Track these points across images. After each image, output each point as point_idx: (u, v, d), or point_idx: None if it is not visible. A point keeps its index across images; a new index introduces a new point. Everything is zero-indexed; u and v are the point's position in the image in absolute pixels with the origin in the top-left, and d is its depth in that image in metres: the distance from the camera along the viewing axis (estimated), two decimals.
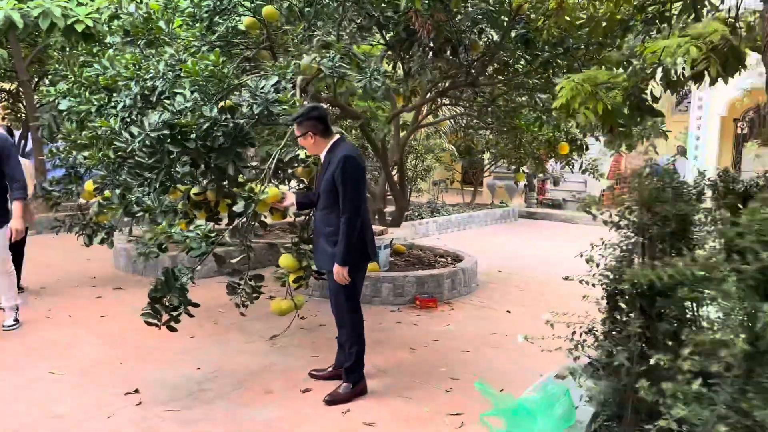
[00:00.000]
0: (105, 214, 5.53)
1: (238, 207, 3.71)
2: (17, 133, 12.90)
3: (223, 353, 4.22)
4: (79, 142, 5.00)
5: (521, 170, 8.10)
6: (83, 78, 5.13)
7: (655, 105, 3.75)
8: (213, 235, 3.54)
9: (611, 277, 2.39)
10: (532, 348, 4.54)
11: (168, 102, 3.89)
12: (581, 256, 2.58)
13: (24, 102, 12.00)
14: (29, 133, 12.11)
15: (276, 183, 4.09)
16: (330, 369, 3.79)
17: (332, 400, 3.44)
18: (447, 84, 5.46)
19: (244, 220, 3.78)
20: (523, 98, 5.98)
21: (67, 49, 8.17)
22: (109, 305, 5.37)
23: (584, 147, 7.56)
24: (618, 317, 2.36)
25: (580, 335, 2.56)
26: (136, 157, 3.83)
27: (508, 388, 3.65)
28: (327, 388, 3.56)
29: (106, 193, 4.64)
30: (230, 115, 3.91)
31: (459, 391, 3.63)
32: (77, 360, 4.03)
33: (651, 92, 3.81)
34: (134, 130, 3.74)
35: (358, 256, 3.44)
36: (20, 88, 12.09)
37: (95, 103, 4.82)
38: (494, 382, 3.71)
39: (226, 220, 4.56)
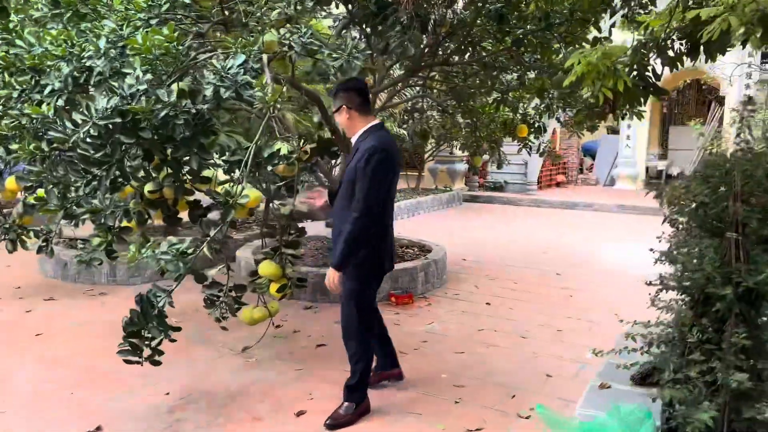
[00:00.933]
0: (30, 215, 4.83)
1: (213, 215, 3.20)
2: None
3: (192, 373, 3.69)
4: None
5: (478, 153, 7.87)
6: (1, 59, 4.37)
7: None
8: (190, 252, 3.00)
9: (697, 278, 2.04)
10: (528, 346, 4.31)
11: (115, 84, 3.30)
12: (658, 260, 2.24)
13: None
14: None
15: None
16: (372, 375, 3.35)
17: (335, 424, 3.01)
18: (421, 63, 5.06)
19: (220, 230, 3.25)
20: (494, 78, 5.68)
21: None
22: (42, 320, 4.66)
23: (542, 129, 7.40)
24: (706, 325, 2.03)
25: (656, 345, 2.20)
26: (79, 150, 3.24)
27: (521, 395, 3.36)
28: (323, 408, 3.14)
29: (40, 192, 3.97)
30: (191, 101, 3.38)
31: (469, 401, 3.30)
32: (17, 393, 3.39)
33: (653, 69, 3.57)
34: (78, 117, 3.13)
35: (370, 268, 3.09)
36: None
37: (17, 87, 4.10)
38: (503, 387, 3.43)
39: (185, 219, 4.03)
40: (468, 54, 5.40)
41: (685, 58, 3.25)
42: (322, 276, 3.46)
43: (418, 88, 7.12)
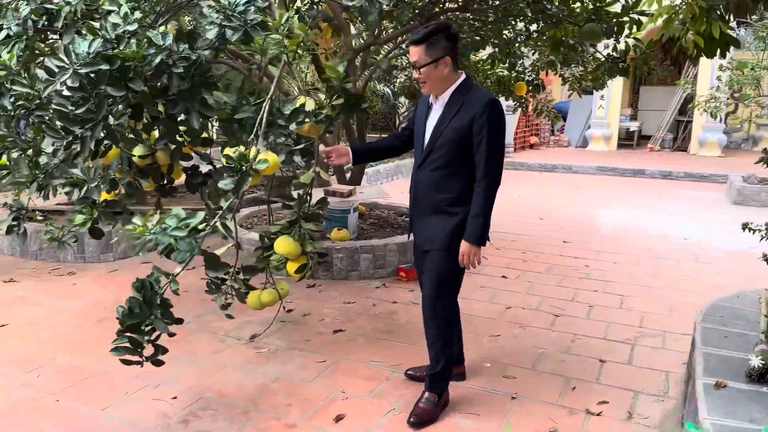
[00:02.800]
0: None
1: (226, 183, 2.62)
2: None
3: (197, 370, 3.16)
4: None
5: None
6: None
7: None
8: (202, 229, 2.42)
9: None
10: (565, 325, 3.81)
11: (93, 24, 2.66)
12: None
13: None
14: None
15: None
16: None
17: (419, 422, 2.61)
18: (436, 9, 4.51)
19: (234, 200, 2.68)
20: (500, 29, 5.18)
21: None
22: (5, 308, 4.01)
23: (541, 87, 6.97)
24: None
25: None
26: (55, 106, 2.61)
27: (581, 386, 2.98)
28: (364, 411, 2.69)
29: (2, 159, 3.29)
30: (188, 46, 2.77)
31: (527, 396, 2.90)
32: None
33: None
34: (53, 64, 2.49)
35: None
36: None
37: None
38: (557, 377, 3.02)
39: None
40: (481, 1, 4.86)
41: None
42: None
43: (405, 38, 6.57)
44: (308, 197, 3.33)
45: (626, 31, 4.32)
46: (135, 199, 3.36)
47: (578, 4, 4.69)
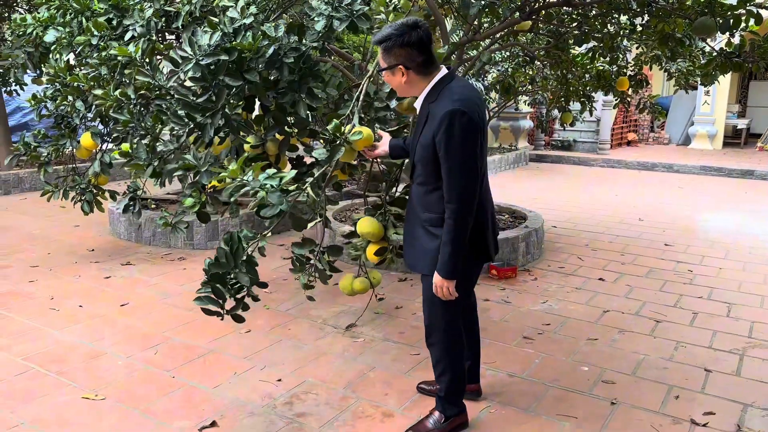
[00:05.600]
0: (107, 175, 4.48)
1: (320, 153, 2.66)
2: None
3: (299, 355, 3.31)
4: (75, 84, 3.90)
5: (567, 109, 7.23)
6: (74, 2, 3.96)
7: None
8: (294, 188, 2.47)
9: None
10: (667, 332, 3.63)
11: (213, 19, 2.83)
12: None
13: None
14: None
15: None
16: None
17: None
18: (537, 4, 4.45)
19: (326, 169, 2.72)
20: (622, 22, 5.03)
21: None
22: (124, 289, 4.35)
23: (644, 82, 6.70)
24: None
25: None
26: (178, 95, 2.80)
27: (684, 395, 2.88)
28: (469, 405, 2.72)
29: (124, 146, 3.57)
30: (298, 37, 2.88)
31: (627, 402, 2.83)
32: (112, 375, 3.06)
33: None
34: (177, 55, 2.67)
35: (473, 255, 2.36)
36: None
37: (96, 33, 3.68)
38: (659, 385, 2.91)
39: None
40: None
41: None
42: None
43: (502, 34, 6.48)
44: (396, 181, 3.37)
45: (742, 24, 4.08)
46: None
47: None
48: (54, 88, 4.24)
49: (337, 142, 2.49)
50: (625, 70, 6.59)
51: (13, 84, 8.44)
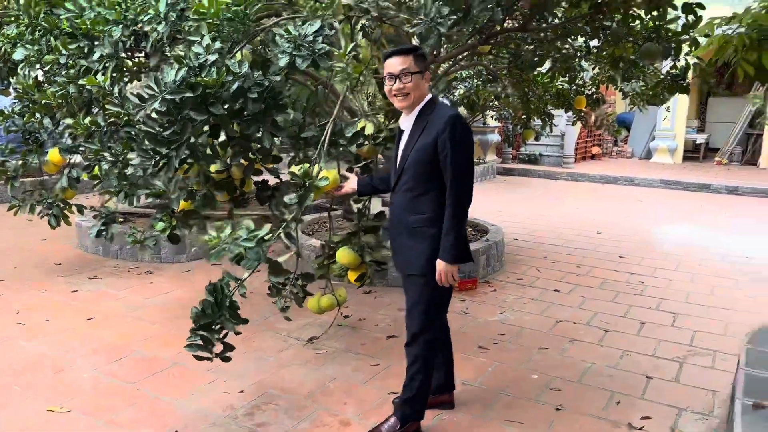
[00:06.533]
0: (74, 190, 4.54)
1: (291, 198, 2.87)
2: None
3: (262, 366, 3.43)
4: (44, 102, 3.97)
5: (529, 126, 7.48)
6: (43, 20, 4.03)
7: None
8: (268, 238, 2.68)
9: None
10: (614, 341, 3.87)
11: (178, 51, 2.96)
12: None
13: None
14: None
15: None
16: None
17: None
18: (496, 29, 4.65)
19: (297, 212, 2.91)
20: (561, 46, 5.26)
21: None
22: (90, 302, 4.41)
23: (601, 101, 6.99)
24: None
25: None
26: (144, 127, 2.91)
27: (625, 401, 3.07)
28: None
29: (95, 170, 3.66)
30: (262, 72, 3.05)
31: (571, 408, 3.01)
32: (78, 387, 3.14)
33: None
34: (145, 92, 2.79)
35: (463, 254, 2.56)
36: None
37: (65, 52, 3.77)
38: (602, 391, 3.10)
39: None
40: (539, 20, 4.97)
41: None
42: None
43: (464, 55, 6.71)
44: (367, 211, 3.56)
45: (686, 49, 4.34)
46: (209, 208, 3.68)
47: (638, 22, 4.73)
48: (22, 104, 4.30)
49: (307, 187, 2.67)
50: (582, 89, 6.87)
51: None
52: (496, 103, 7.50)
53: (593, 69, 6.58)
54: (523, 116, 7.38)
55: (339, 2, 3.14)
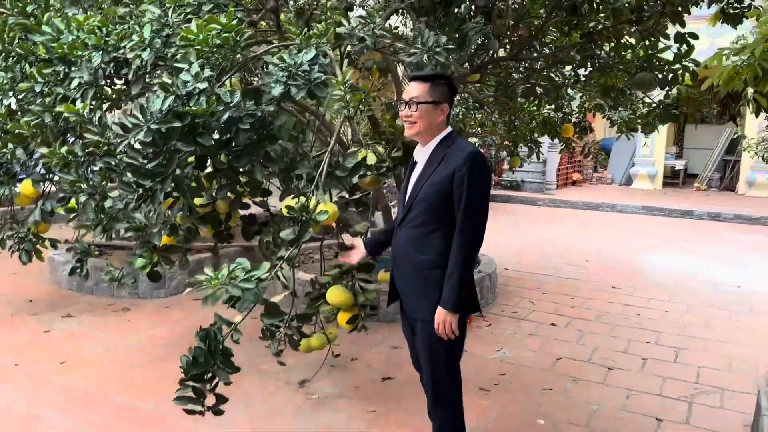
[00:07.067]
0: (47, 223, 4.30)
1: (287, 233, 2.69)
2: None
3: (251, 414, 3.19)
4: (17, 131, 3.75)
5: (516, 153, 7.40)
6: (18, 47, 3.83)
7: None
8: (266, 278, 2.48)
9: None
10: (618, 379, 3.69)
11: (165, 79, 2.78)
12: None
13: None
14: None
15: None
16: None
17: None
18: (485, 58, 4.57)
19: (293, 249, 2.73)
20: (566, 73, 5.22)
21: None
22: (63, 343, 4.14)
23: (588, 129, 6.96)
24: None
25: None
26: (127, 159, 2.72)
27: None
28: None
29: (71, 202, 3.44)
30: (254, 102, 2.89)
31: None
32: None
33: None
34: (128, 121, 2.61)
35: (469, 305, 2.38)
36: None
37: (40, 79, 3.57)
38: None
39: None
40: (530, 48, 4.91)
41: None
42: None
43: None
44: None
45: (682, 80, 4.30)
46: (191, 242, 3.48)
47: (629, 51, 4.69)
48: None
49: (305, 222, 2.50)
50: (570, 117, 6.83)
51: None
52: (479, 129, 7.44)
53: (581, 97, 6.55)
54: (510, 144, 7.32)
55: (333, 30, 3.01)
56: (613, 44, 4.66)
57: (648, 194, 12.78)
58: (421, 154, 2.41)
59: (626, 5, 3.99)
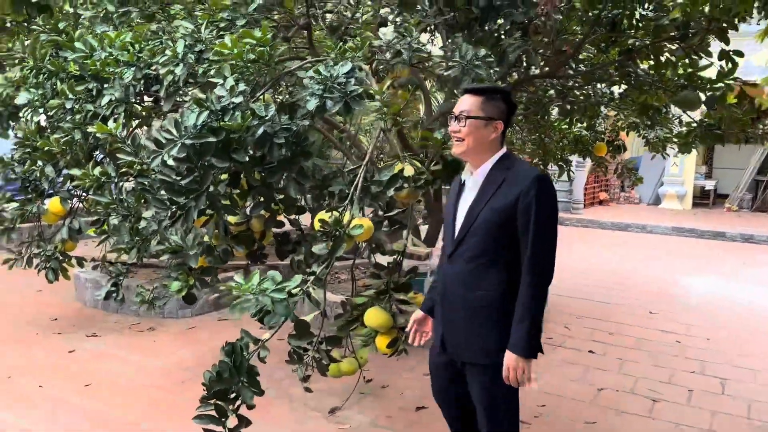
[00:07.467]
0: (74, 241, 4.24)
1: (320, 248, 2.57)
2: None
3: None
4: (47, 149, 3.70)
5: (545, 172, 7.23)
6: (49, 63, 3.80)
7: None
8: (297, 291, 2.36)
9: None
10: (664, 412, 3.48)
11: (201, 95, 2.70)
12: None
13: None
14: None
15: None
16: None
17: None
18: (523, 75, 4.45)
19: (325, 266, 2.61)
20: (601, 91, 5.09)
21: (9, 23, 6.65)
22: (88, 365, 4.04)
23: (622, 148, 6.78)
24: None
25: None
26: (161, 176, 2.63)
27: None
28: None
29: (104, 225, 3.37)
30: (289, 116, 2.80)
31: None
32: None
33: None
34: (162, 136, 2.52)
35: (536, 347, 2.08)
36: None
37: (71, 96, 3.52)
38: None
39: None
40: (566, 65, 4.78)
41: None
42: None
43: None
44: (400, 265, 3.25)
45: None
46: (226, 263, 3.38)
47: (669, 69, 4.53)
48: (23, 151, 4.03)
49: (338, 236, 2.38)
50: (603, 136, 6.67)
51: None
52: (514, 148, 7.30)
53: (615, 115, 6.39)
54: (540, 162, 7.17)
55: (368, 45, 2.92)
56: (652, 62, 4.51)
57: (678, 215, 12.49)
58: (473, 177, 2.17)
59: (670, 22, 3.84)
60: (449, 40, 3.99)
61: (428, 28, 4.81)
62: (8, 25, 7.83)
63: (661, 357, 4.47)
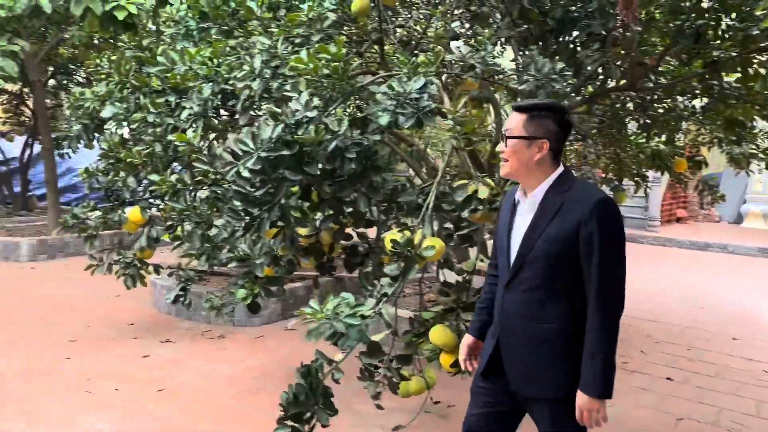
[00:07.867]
0: (152, 249, 4.38)
1: (392, 269, 2.55)
2: (19, 140, 11.65)
3: None
4: (129, 160, 3.85)
5: (621, 189, 6.98)
6: (133, 78, 3.96)
7: None
8: (369, 314, 2.35)
9: None
10: None
11: (275, 109, 2.73)
12: None
13: (31, 105, 10.73)
14: (34, 142, 10.86)
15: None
16: None
17: None
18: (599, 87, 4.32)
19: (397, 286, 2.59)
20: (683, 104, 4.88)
21: (96, 40, 7.07)
22: (161, 369, 4.17)
23: (704, 163, 6.46)
24: None
25: None
26: (235, 187, 2.67)
27: None
28: None
29: (178, 230, 3.48)
30: (360, 131, 2.81)
31: None
32: None
33: None
34: (239, 148, 2.57)
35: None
36: (24, 89, 10.85)
37: (153, 110, 3.65)
38: None
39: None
40: (646, 78, 4.60)
41: None
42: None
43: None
44: (469, 284, 3.19)
45: None
46: (291, 274, 3.42)
47: (759, 82, 4.27)
48: (107, 162, 4.23)
49: (410, 257, 2.35)
50: (681, 151, 6.37)
51: (68, 149, 8.64)
52: (573, 162, 7.08)
53: (696, 129, 6.10)
54: (615, 178, 6.91)
55: (441, 59, 2.88)
56: (739, 74, 4.27)
57: (762, 234, 11.78)
58: (529, 200, 2.00)
59: (761, 32, 3.63)
60: (521, 53, 3.92)
61: (499, 41, 4.75)
62: (96, 42, 8.30)
63: (745, 388, 4.19)
